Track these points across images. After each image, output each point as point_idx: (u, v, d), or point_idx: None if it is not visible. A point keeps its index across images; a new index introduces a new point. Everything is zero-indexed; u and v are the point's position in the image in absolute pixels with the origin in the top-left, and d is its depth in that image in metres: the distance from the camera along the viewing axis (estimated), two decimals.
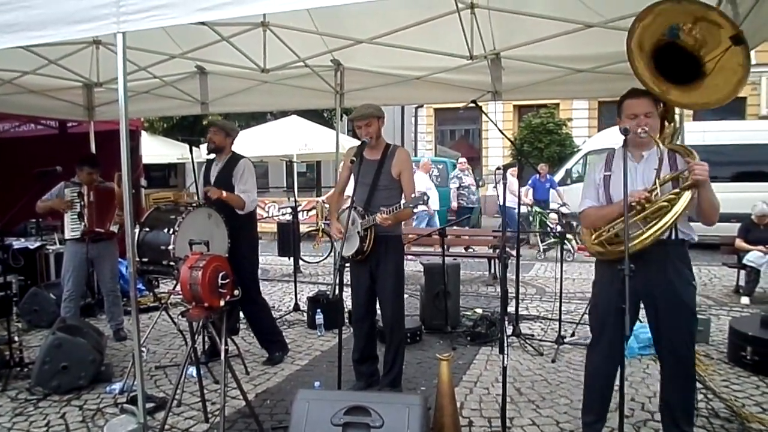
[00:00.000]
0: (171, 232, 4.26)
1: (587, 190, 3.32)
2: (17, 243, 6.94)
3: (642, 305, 3.18)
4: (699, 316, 5.49)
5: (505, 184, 3.51)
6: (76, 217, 5.42)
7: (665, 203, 2.95)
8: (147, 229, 4.44)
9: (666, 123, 3.34)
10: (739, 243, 7.79)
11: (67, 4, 2.94)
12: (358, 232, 4.03)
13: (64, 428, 3.80)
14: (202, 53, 5.87)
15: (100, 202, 5.44)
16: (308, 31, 5.35)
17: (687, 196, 2.94)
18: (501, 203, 3.78)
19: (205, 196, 4.79)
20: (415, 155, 21.03)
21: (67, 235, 5.47)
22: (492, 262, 8.94)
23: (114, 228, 5.49)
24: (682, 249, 3.10)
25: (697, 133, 10.32)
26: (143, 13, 2.83)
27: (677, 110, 3.38)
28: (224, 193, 4.68)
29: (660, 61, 3.10)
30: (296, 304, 6.86)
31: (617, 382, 3.03)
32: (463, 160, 12.90)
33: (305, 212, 13.56)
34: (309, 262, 10.64)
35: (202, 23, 4.61)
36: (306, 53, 5.89)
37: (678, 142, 3.73)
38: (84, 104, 7.30)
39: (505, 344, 3.11)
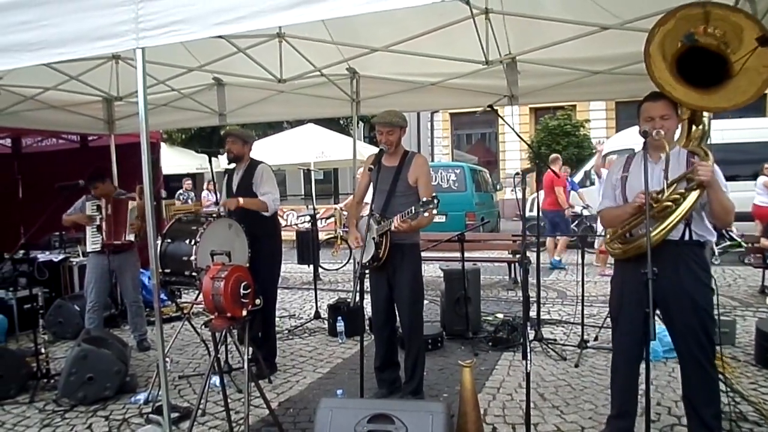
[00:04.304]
0: (192, 243, 4.29)
1: (606, 190, 3.43)
2: (42, 256, 7.06)
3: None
4: (724, 318, 5.46)
5: (524, 189, 3.49)
6: (96, 230, 5.50)
7: (670, 203, 2.99)
8: (169, 241, 4.48)
9: (694, 126, 3.34)
10: (765, 242, 7.68)
11: (87, 22, 2.99)
12: (373, 239, 4.05)
13: None
14: (220, 65, 5.93)
15: (116, 214, 5.49)
16: (323, 41, 5.39)
17: (693, 196, 2.96)
18: (521, 207, 3.77)
19: (226, 208, 4.82)
20: (432, 160, 21.01)
21: (89, 248, 5.55)
22: (512, 266, 8.91)
23: (131, 237, 5.52)
24: (697, 250, 3.12)
25: (717, 131, 10.13)
26: (162, 28, 2.87)
27: (706, 113, 3.36)
28: (241, 200, 4.70)
29: (685, 65, 3.08)
30: (317, 311, 6.89)
31: (641, 385, 3.01)
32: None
33: (323, 220, 13.62)
34: (328, 270, 10.67)
35: (219, 36, 4.66)
36: (322, 63, 5.93)
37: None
38: (104, 118, 7.40)
39: (528, 350, 3.10)
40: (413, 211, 3.75)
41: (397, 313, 4.25)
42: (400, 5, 2.79)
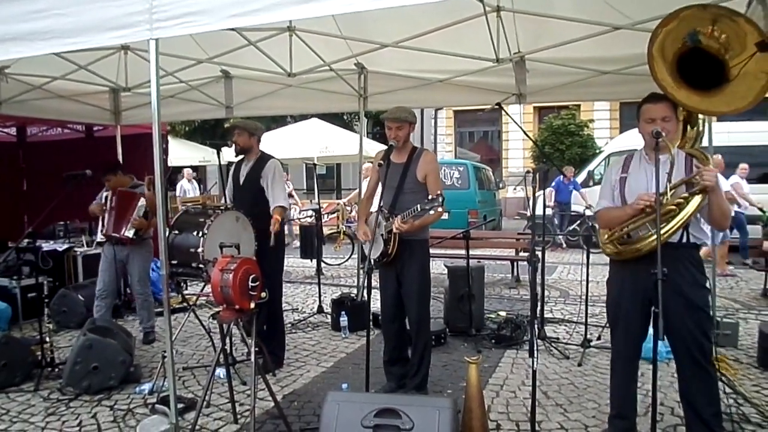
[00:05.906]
0: (200, 234, 4.29)
1: (604, 191, 3.42)
2: (46, 245, 7.06)
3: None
4: (726, 320, 5.48)
5: (534, 188, 3.49)
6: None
7: (673, 207, 2.99)
8: (176, 232, 4.47)
9: (689, 127, 3.35)
10: (767, 245, 7.68)
11: (100, 12, 2.99)
12: (382, 235, 4.07)
13: (96, 428, 3.86)
14: (229, 58, 5.92)
15: (119, 206, 5.47)
16: (333, 35, 5.39)
17: (696, 200, 2.97)
18: (530, 206, 3.78)
19: (234, 201, 4.85)
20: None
21: (98, 238, 5.59)
22: (515, 264, 8.92)
23: (129, 233, 5.41)
24: (693, 252, 3.14)
25: (723, 134, 10.16)
26: (176, 19, 2.87)
27: (701, 115, 3.36)
28: (276, 226, 4.64)
29: (683, 66, 3.09)
30: (320, 306, 6.90)
31: (641, 384, 3.02)
32: None
33: (326, 215, 13.64)
34: (330, 264, 10.68)
35: (231, 29, 4.66)
36: (331, 57, 5.93)
37: (703, 144, 3.70)
38: (111, 108, 7.39)
39: (535, 347, 3.10)
40: (418, 209, 3.77)
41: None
42: (411, 2, 2.80)
